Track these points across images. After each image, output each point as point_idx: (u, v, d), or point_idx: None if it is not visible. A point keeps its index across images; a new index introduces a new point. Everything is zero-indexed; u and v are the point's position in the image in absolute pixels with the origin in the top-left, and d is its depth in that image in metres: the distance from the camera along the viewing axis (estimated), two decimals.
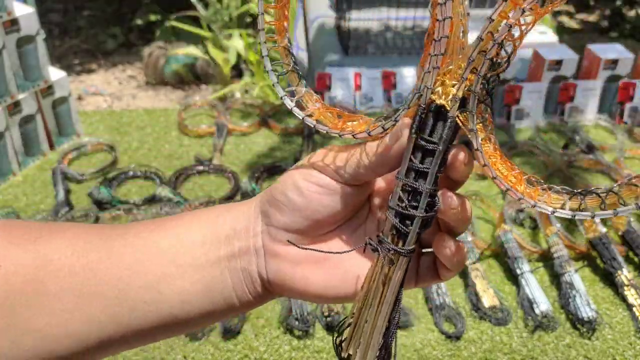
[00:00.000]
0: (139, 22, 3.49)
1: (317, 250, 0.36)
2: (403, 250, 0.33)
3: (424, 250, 0.37)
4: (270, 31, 0.38)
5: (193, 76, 3.09)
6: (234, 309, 0.37)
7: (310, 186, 0.35)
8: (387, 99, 1.55)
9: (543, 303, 0.90)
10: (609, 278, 0.97)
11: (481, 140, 0.32)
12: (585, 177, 1.25)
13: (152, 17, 3.52)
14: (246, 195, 1.17)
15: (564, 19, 3.86)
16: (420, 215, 0.33)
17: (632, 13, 3.70)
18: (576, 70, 1.48)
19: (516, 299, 0.93)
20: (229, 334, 0.86)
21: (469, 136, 0.32)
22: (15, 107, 1.22)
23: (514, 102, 1.45)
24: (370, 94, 1.53)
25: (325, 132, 0.36)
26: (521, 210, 1.13)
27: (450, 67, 0.31)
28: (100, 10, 3.78)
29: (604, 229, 0.99)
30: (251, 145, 1.37)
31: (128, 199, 1.15)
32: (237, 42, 2.72)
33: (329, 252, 0.36)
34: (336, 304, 0.89)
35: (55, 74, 1.30)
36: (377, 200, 0.38)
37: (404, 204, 0.33)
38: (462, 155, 0.32)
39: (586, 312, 0.88)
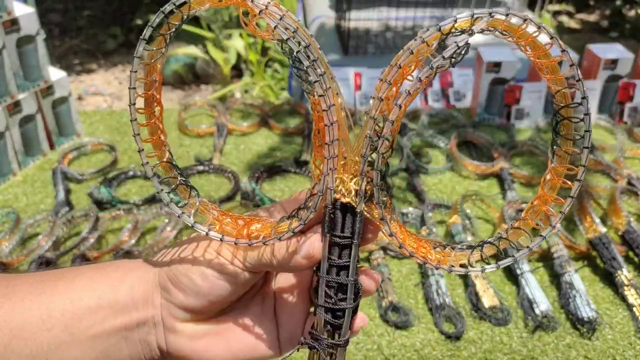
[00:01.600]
0: (139, 22, 3.49)
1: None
2: (341, 342, 0.35)
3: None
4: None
5: (193, 76, 3.09)
6: None
7: (214, 273, 0.35)
8: None
9: (543, 303, 0.90)
10: (608, 278, 0.97)
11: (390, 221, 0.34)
12: (585, 177, 1.25)
13: (152, 17, 3.52)
14: (246, 195, 1.17)
15: (564, 19, 3.86)
16: (350, 306, 0.34)
17: (632, 13, 3.69)
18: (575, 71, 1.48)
19: (516, 299, 0.93)
20: None
21: (379, 224, 0.34)
22: (15, 107, 1.22)
23: (514, 102, 1.45)
24: (370, 93, 1.53)
25: (233, 245, 0.37)
26: (521, 211, 1.13)
27: (342, 162, 0.34)
28: (101, 10, 3.77)
29: (603, 229, 0.99)
30: (251, 145, 1.37)
31: (128, 199, 1.15)
32: (237, 42, 2.72)
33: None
34: None
35: (55, 74, 1.30)
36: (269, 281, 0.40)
37: (332, 300, 0.34)
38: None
39: (586, 312, 0.88)
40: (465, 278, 0.97)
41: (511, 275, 0.98)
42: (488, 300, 0.91)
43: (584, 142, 0.33)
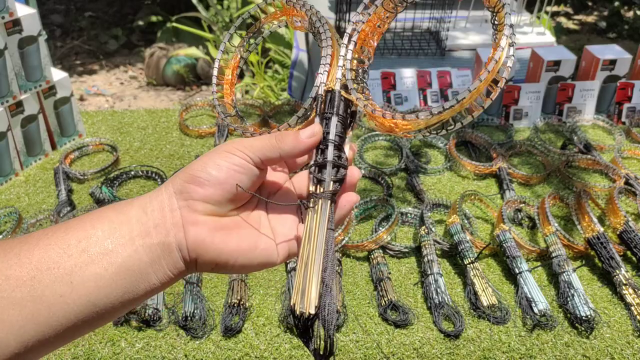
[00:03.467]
0: (140, 23, 3.50)
1: (260, 197, 0.43)
2: (324, 193, 0.41)
3: None
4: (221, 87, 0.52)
5: (194, 77, 3.09)
6: (152, 287, 0.38)
7: (229, 164, 0.40)
8: (387, 99, 1.55)
9: (541, 302, 0.90)
10: (607, 277, 0.98)
11: (366, 104, 0.44)
12: (583, 177, 1.26)
13: (154, 18, 3.53)
14: None
15: (562, 20, 3.87)
16: (330, 159, 0.42)
17: (630, 14, 3.70)
18: (574, 71, 1.49)
19: (515, 298, 0.94)
20: (230, 332, 0.87)
21: (356, 102, 0.44)
22: (17, 107, 1.22)
23: (512, 103, 1.46)
24: None
25: (243, 132, 0.47)
26: (519, 210, 1.13)
27: (329, 69, 0.47)
28: (102, 11, 3.78)
29: (602, 229, 1.00)
30: None
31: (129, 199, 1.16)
32: (237, 43, 2.72)
33: (268, 200, 0.43)
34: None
35: (57, 74, 1.31)
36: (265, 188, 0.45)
37: (318, 158, 0.43)
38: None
39: (584, 311, 0.89)
40: (464, 277, 0.98)
41: (510, 274, 0.98)
42: (487, 299, 0.92)
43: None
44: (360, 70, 0.47)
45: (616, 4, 3.63)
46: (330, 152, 0.43)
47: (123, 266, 0.37)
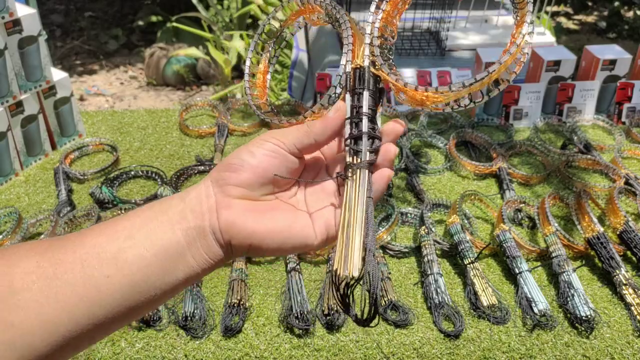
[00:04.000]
0: (140, 23, 3.50)
1: (290, 179, 0.44)
2: (361, 163, 0.43)
3: None
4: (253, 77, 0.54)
5: (194, 77, 3.09)
6: (191, 271, 0.41)
7: (262, 150, 0.42)
8: (387, 99, 1.55)
9: (541, 302, 0.90)
10: (607, 277, 0.98)
11: (397, 78, 0.46)
12: (583, 177, 1.26)
13: (154, 19, 3.53)
14: None
15: (562, 20, 3.87)
16: (365, 131, 0.44)
17: (630, 14, 3.70)
18: (574, 71, 1.49)
19: (515, 298, 0.94)
20: (230, 332, 0.87)
21: (387, 76, 0.46)
22: (17, 107, 1.22)
23: (512, 103, 1.46)
24: None
25: (277, 122, 0.48)
26: (519, 210, 1.13)
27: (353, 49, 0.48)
28: (102, 11, 3.78)
29: (602, 229, 1.00)
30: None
31: (130, 199, 1.16)
32: (237, 43, 2.73)
33: (300, 179, 0.45)
34: (332, 300, 0.90)
35: (57, 74, 1.31)
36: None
37: (353, 131, 0.44)
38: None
39: (584, 311, 0.89)
40: (464, 277, 0.98)
41: (510, 274, 0.98)
42: (487, 299, 0.92)
43: None
44: (385, 49, 0.48)
45: (616, 4, 3.63)
46: (365, 124, 0.44)
47: (162, 247, 0.39)
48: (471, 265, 0.96)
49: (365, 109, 0.44)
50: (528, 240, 1.05)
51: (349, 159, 0.43)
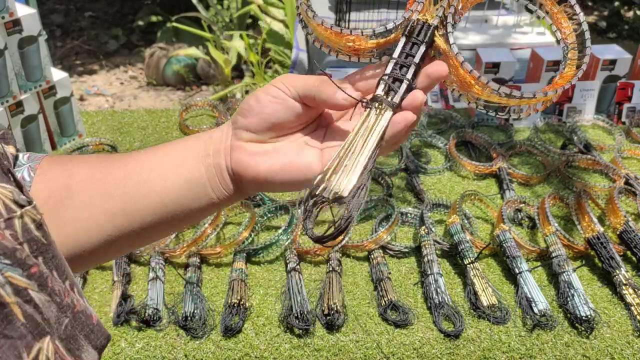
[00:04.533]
0: (140, 23, 3.50)
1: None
2: (392, 103, 0.44)
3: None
4: None
5: (194, 77, 3.09)
6: (212, 201, 0.47)
7: (266, 96, 0.46)
8: None
9: (541, 302, 0.90)
10: (607, 277, 0.98)
11: (458, 52, 0.45)
12: (583, 177, 1.26)
13: (154, 18, 3.53)
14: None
15: None
16: (408, 79, 0.44)
17: (630, 14, 3.70)
18: None
19: (515, 298, 0.94)
20: (230, 332, 0.87)
21: (445, 46, 0.46)
22: (17, 107, 1.22)
23: None
24: None
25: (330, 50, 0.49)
26: (519, 210, 1.13)
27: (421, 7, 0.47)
28: (102, 11, 3.79)
29: (601, 229, 1.00)
30: None
31: None
32: (237, 43, 2.73)
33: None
34: (333, 301, 0.90)
35: (57, 74, 1.31)
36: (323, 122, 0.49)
37: (397, 72, 0.45)
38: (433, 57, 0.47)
39: (584, 311, 0.89)
40: (464, 277, 0.98)
41: (510, 274, 0.98)
42: (487, 299, 0.92)
43: None
44: (453, 22, 0.48)
45: (616, 4, 3.63)
46: (410, 73, 0.45)
47: (189, 179, 0.46)
48: (471, 265, 0.96)
49: (416, 60, 0.45)
50: (528, 240, 1.05)
51: (380, 92, 0.44)
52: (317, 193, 0.41)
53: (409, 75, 0.44)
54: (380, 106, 0.44)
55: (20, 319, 0.28)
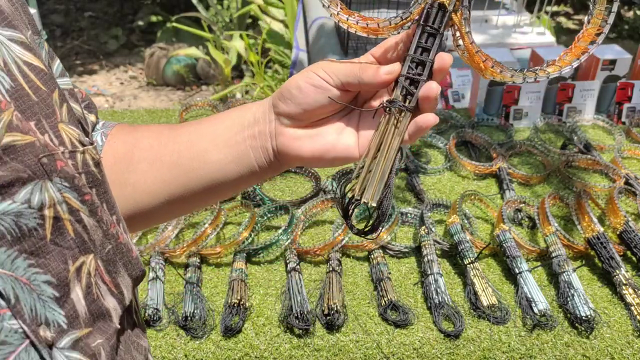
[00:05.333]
0: (140, 23, 3.50)
1: (346, 104, 0.49)
2: (410, 107, 0.46)
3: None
4: None
5: (194, 77, 3.09)
6: (255, 173, 0.52)
7: (309, 86, 0.48)
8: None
9: (541, 302, 0.90)
10: (607, 277, 0.98)
11: (473, 40, 0.47)
12: (583, 177, 1.26)
13: (154, 19, 3.53)
14: (247, 195, 1.18)
15: (562, 20, 3.87)
16: (424, 79, 0.45)
17: (630, 14, 3.70)
18: (574, 71, 1.49)
19: (515, 298, 0.94)
20: (230, 332, 0.87)
21: (460, 25, 0.47)
22: None
23: (512, 103, 1.46)
24: None
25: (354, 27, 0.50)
26: (519, 210, 1.13)
27: None
28: (102, 11, 3.78)
29: (601, 229, 1.00)
30: None
31: None
32: (237, 43, 2.73)
33: (350, 106, 0.50)
34: (333, 301, 0.90)
35: None
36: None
37: (413, 71, 0.46)
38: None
39: (584, 311, 0.89)
40: (464, 277, 0.98)
41: (510, 274, 0.98)
42: (487, 299, 0.92)
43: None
44: (468, 10, 0.48)
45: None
46: (427, 71, 0.46)
47: (237, 157, 0.50)
48: (471, 265, 0.96)
49: (431, 55, 0.46)
50: (528, 240, 1.05)
51: (398, 94, 0.46)
52: (354, 198, 0.47)
53: (425, 75, 0.46)
54: (398, 113, 0.46)
55: (71, 234, 0.34)
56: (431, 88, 0.46)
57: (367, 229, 0.48)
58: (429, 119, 0.46)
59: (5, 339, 0.29)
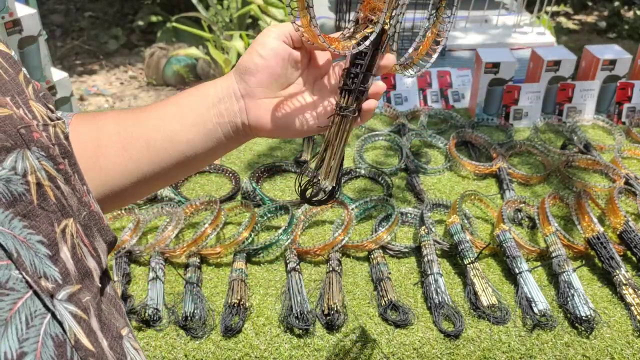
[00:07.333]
0: (140, 23, 3.50)
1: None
2: (351, 111, 0.52)
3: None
4: None
5: (194, 77, 3.09)
6: (223, 146, 0.55)
7: (268, 52, 0.51)
8: (387, 99, 1.55)
9: (541, 302, 0.90)
10: (607, 277, 0.98)
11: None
12: (583, 177, 1.26)
13: (154, 18, 3.53)
14: (247, 195, 1.18)
15: (562, 20, 3.87)
16: (365, 88, 0.52)
17: (630, 14, 3.70)
18: (574, 71, 1.49)
19: (515, 298, 0.94)
20: (230, 332, 0.87)
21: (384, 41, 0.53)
22: None
23: (512, 103, 1.46)
24: None
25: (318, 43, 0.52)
26: (519, 210, 1.13)
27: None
28: (102, 11, 3.78)
29: (601, 229, 1.00)
30: (252, 145, 1.38)
31: None
32: (237, 43, 2.73)
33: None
34: (333, 301, 0.90)
35: (57, 74, 1.31)
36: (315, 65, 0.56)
37: (354, 82, 0.52)
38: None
39: (584, 311, 0.89)
40: (464, 277, 0.98)
41: (510, 274, 0.98)
42: (487, 299, 0.92)
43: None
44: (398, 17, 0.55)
45: (616, 4, 3.63)
46: (363, 79, 0.52)
47: (206, 134, 0.53)
48: (471, 265, 0.96)
49: (364, 69, 0.52)
50: (528, 240, 1.05)
51: (342, 101, 0.52)
52: (313, 181, 0.54)
53: (363, 84, 0.52)
54: (344, 116, 0.53)
55: (52, 199, 0.36)
56: (378, 86, 0.53)
57: (325, 198, 0.55)
58: (370, 104, 0.53)
59: (13, 286, 0.32)
